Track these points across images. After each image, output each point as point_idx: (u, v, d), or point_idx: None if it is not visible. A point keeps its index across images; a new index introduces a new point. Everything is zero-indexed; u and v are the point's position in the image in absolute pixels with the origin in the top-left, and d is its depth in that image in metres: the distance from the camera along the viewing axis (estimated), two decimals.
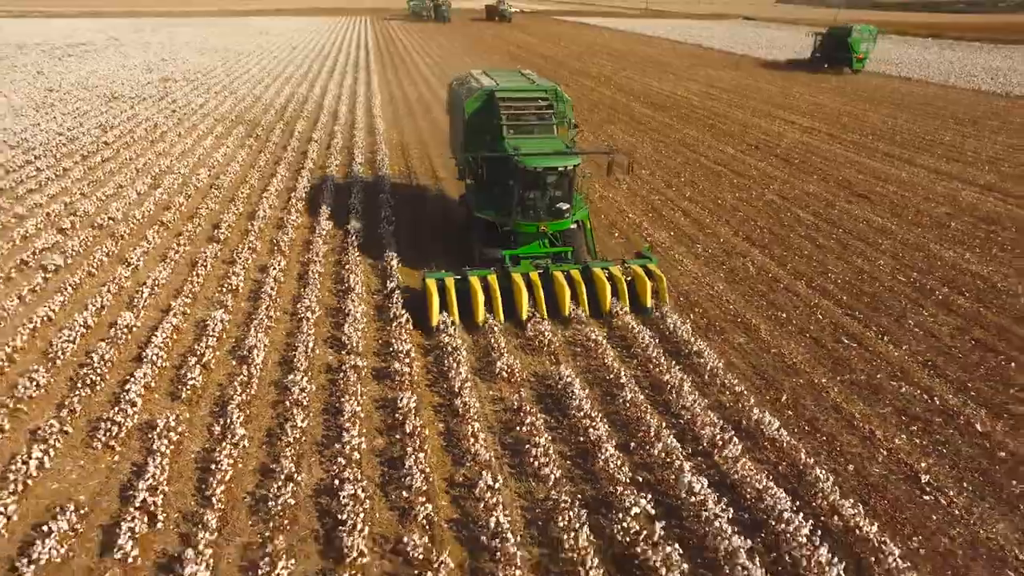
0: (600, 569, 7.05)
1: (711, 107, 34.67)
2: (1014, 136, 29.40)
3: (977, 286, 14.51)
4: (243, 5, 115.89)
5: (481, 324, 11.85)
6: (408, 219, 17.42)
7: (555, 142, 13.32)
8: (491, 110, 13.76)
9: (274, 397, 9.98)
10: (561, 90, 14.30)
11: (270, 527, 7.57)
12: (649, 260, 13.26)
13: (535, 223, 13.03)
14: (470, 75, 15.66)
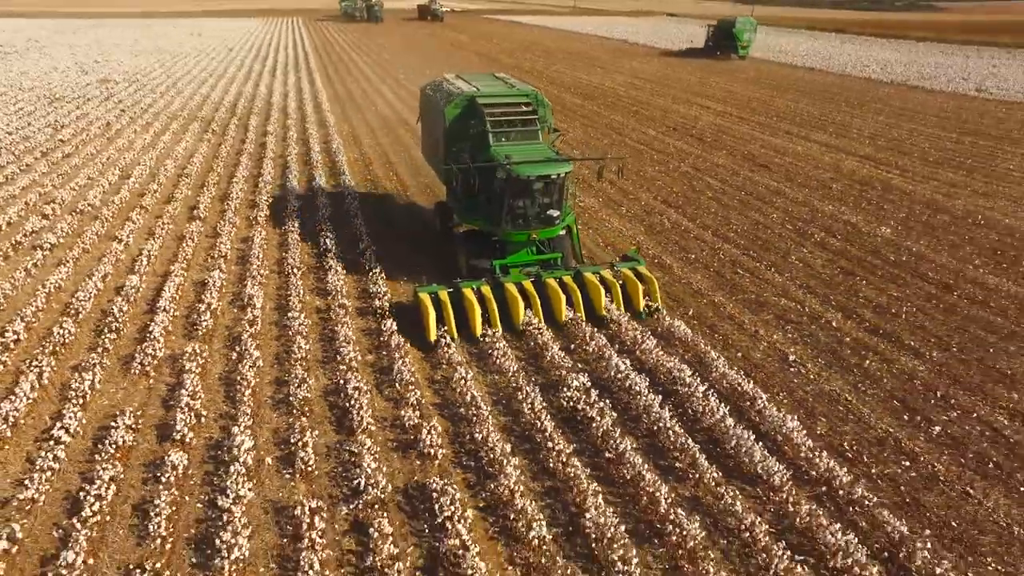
0: (551, 423, 9.47)
1: (635, 96, 37.84)
2: (891, 117, 33.74)
3: (847, 230, 17.76)
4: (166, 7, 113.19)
5: (480, 336, 11.69)
6: (366, 191, 19.47)
7: (542, 148, 13.19)
8: (472, 116, 13.56)
9: (277, 332, 11.97)
10: (541, 94, 14.30)
11: (293, 414, 9.65)
12: (637, 263, 13.41)
13: (526, 231, 12.79)
14: (445, 79, 15.53)
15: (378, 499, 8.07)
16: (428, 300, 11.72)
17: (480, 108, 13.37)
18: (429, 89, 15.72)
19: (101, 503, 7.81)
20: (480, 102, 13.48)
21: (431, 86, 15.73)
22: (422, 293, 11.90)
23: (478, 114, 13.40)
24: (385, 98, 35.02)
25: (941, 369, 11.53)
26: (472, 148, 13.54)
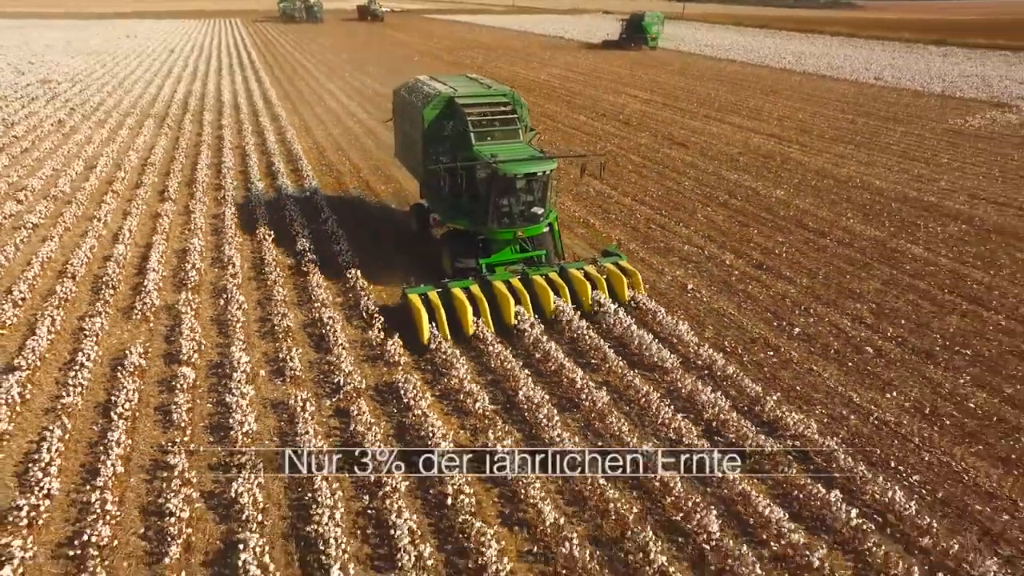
0: (492, 335, 11.74)
1: (568, 87, 40.53)
2: (799, 102, 37.46)
3: (747, 194, 20.68)
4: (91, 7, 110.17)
5: (470, 335, 11.79)
6: (323, 172, 21.31)
7: (524, 147, 13.37)
8: (451, 117, 13.67)
9: (256, 284, 13.87)
10: (518, 94, 14.48)
11: (279, 339, 11.64)
12: (619, 257, 13.87)
13: (512, 229, 13.01)
14: (419, 81, 15.55)
15: (355, 391, 10.18)
16: (419, 301, 11.76)
17: (460, 109, 13.43)
18: (404, 91, 15.60)
19: (129, 405, 9.65)
20: (459, 103, 13.53)
21: (406, 88, 15.61)
22: (412, 295, 11.95)
23: (458, 115, 13.47)
24: (333, 95, 36.59)
25: (807, 291, 14.36)
26: (452, 149, 13.62)
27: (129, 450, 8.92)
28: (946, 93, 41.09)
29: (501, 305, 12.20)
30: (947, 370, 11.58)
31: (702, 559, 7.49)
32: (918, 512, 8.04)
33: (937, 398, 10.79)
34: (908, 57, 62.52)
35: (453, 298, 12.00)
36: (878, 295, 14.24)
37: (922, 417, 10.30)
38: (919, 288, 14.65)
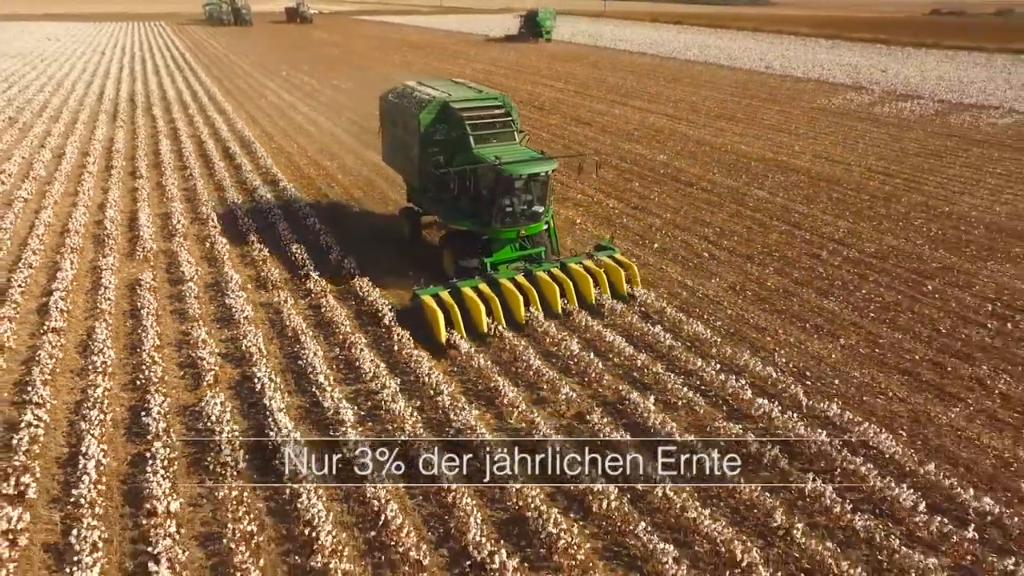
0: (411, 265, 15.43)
1: (491, 80, 44.36)
2: (695, 87, 42.67)
3: (636, 159, 25.06)
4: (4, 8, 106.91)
5: (485, 333, 12.11)
6: (276, 153, 24.44)
7: (522, 148, 13.98)
8: (446, 121, 14.11)
9: (237, 233, 17.08)
10: (508, 97, 15.06)
11: (257, 267, 14.99)
12: (613, 251, 14.48)
13: (515, 228, 13.55)
14: (406, 86, 15.86)
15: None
16: (432, 302, 12.02)
17: (457, 113, 13.89)
18: (393, 96, 15.92)
19: (152, 308, 12.84)
20: (456, 107, 13.98)
21: (394, 94, 15.92)
22: (424, 296, 12.25)
23: (454, 119, 13.94)
24: (273, 91, 39.23)
25: (669, 222, 18.67)
26: (448, 152, 14.16)
27: (159, 335, 12.16)
28: (821, 79, 47.12)
29: (511, 302, 12.55)
30: (758, 266, 16.04)
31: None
32: (712, 337, 12.28)
33: (747, 281, 15.19)
34: (799, 49, 69.38)
35: (464, 297, 12.31)
36: (722, 223, 18.70)
37: (733, 292, 14.65)
38: (755, 218, 19.22)
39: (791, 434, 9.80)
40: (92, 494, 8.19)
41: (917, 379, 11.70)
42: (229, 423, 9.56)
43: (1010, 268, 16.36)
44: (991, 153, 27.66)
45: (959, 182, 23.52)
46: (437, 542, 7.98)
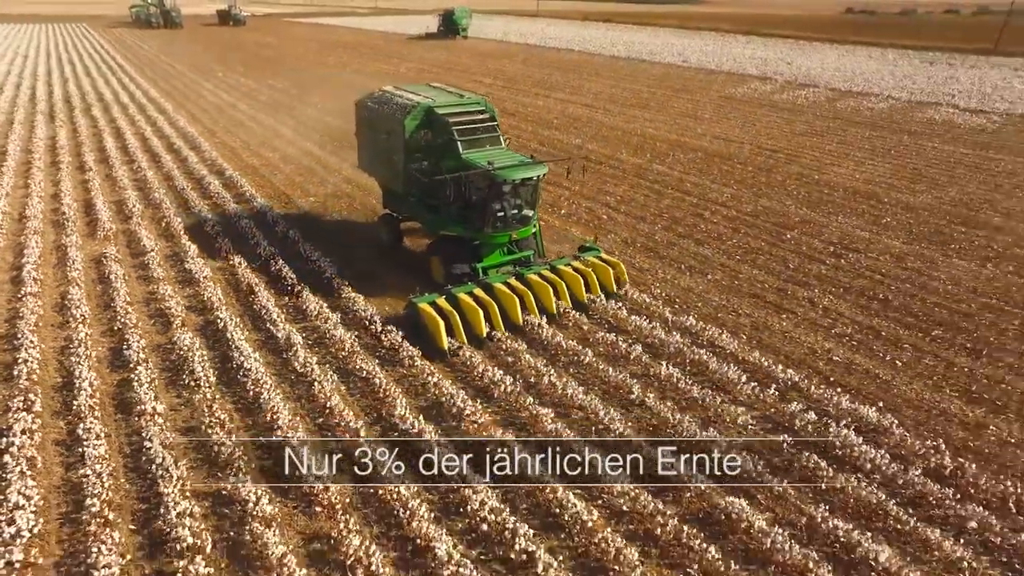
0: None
1: (423, 78, 46.46)
2: (616, 80, 45.89)
3: (553, 143, 27.77)
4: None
5: (484, 338, 12.15)
6: (220, 146, 26.05)
7: (509, 152, 14.06)
8: (430, 126, 14.07)
9: (188, 215, 18.84)
10: (488, 101, 15.11)
11: (211, 237, 16.87)
12: (597, 251, 14.74)
13: (507, 232, 13.61)
14: (385, 92, 15.61)
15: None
16: (431, 310, 12.03)
17: (442, 118, 13.80)
18: (371, 102, 15.61)
19: (119, 274, 14.62)
20: (441, 112, 13.90)
21: (373, 99, 15.63)
22: (422, 304, 12.20)
23: (440, 124, 13.85)
24: (212, 92, 40.26)
25: (576, 193, 21.32)
26: (434, 158, 14.15)
27: (128, 294, 13.97)
28: (732, 71, 51.13)
29: (507, 306, 12.62)
30: (649, 224, 18.87)
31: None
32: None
33: (637, 236, 17.98)
34: (717, 44, 73.88)
35: (461, 303, 12.38)
36: (623, 193, 21.53)
37: (624, 244, 17.41)
38: (652, 188, 22.14)
39: (653, 338, 12.53)
40: (89, 403, 10.14)
41: (763, 300, 14.66)
42: (199, 350, 11.59)
43: (854, 220, 19.73)
44: (864, 132, 31.60)
45: (832, 156, 27.15)
46: None
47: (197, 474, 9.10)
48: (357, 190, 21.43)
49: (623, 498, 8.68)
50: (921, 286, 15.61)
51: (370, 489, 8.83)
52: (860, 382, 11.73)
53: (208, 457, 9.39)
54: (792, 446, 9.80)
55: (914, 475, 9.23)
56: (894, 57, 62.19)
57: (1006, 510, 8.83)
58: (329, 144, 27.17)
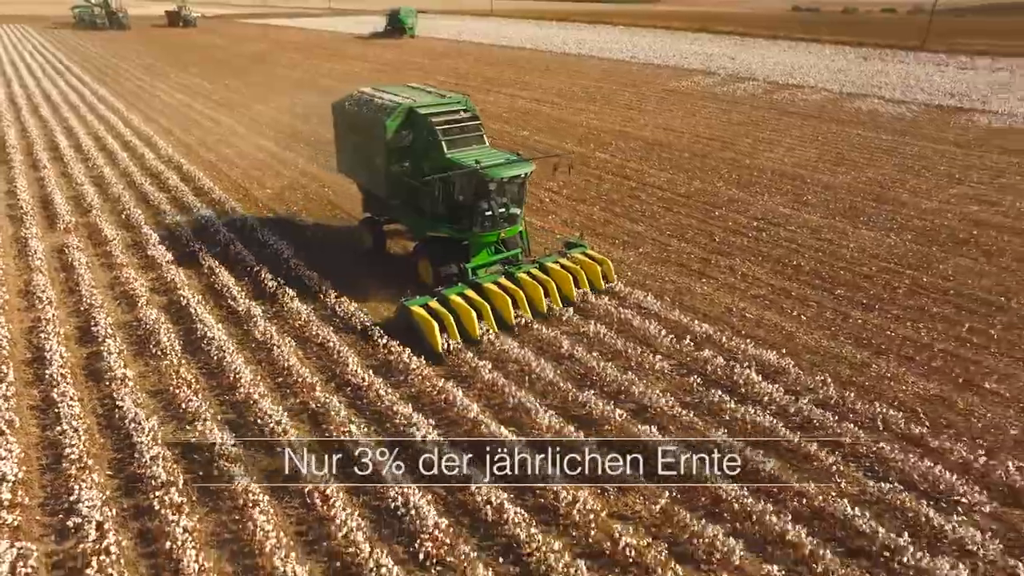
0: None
1: (376, 77, 47.12)
2: (565, 76, 47.41)
3: (503, 135, 28.90)
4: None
5: (478, 338, 12.13)
6: (177, 144, 26.52)
7: (494, 151, 13.98)
8: (415, 127, 13.81)
9: (148, 204, 19.44)
10: (470, 100, 14.90)
11: (164, 221, 17.59)
12: (583, 247, 14.80)
13: (495, 231, 13.48)
14: (364, 94, 15.24)
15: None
16: (424, 312, 11.98)
17: (425, 119, 13.59)
18: (350, 104, 15.30)
19: (81, 261, 15.27)
20: (423, 112, 13.68)
21: (351, 101, 15.29)
22: (414, 307, 12.14)
23: (422, 125, 13.64)
24: (166, 92, 40.24)
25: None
26: (419, 159, 13.95)
27: (93, 280, 14.65)
28: (677, 66, 53.13)
29: (499, 306, 12.65)
30: (588, 206, 20.26)
31: None
32: (542, 253, 16.20)
33: (575, 216, 19.34)
34: (666, 41, 76.17)
35: (454, 305, 12.35)
36: (566, 178, 22.66)
37: (563, 224, 18.72)
38: (595, 174, 23.54)
39: (585, 302, 13.85)
40: (61, 372, 10.94)
41: (688, 269, 16.15)
42: (164, 324, 12.44)
43: (778, 198, 21.47)
44: (796, 121, 33.66)
45: (764, 143, 29.02)
46: None
47: (167, 428, 10.01)
48: (312, 182, 22.31)
49: (549, 432, 9.92)
50: (831, 254, 17.30)
51: (321, 429, 9.90)
52: (767, 334, 13.24)
53: (177, 413, 10.30)
54: (701, 385, 11.19)
55: (803, 404, 10.72)
56: (831, 53, 65.14)
57: (875, 427, 10.37)
58: (284, 140, 27.95)
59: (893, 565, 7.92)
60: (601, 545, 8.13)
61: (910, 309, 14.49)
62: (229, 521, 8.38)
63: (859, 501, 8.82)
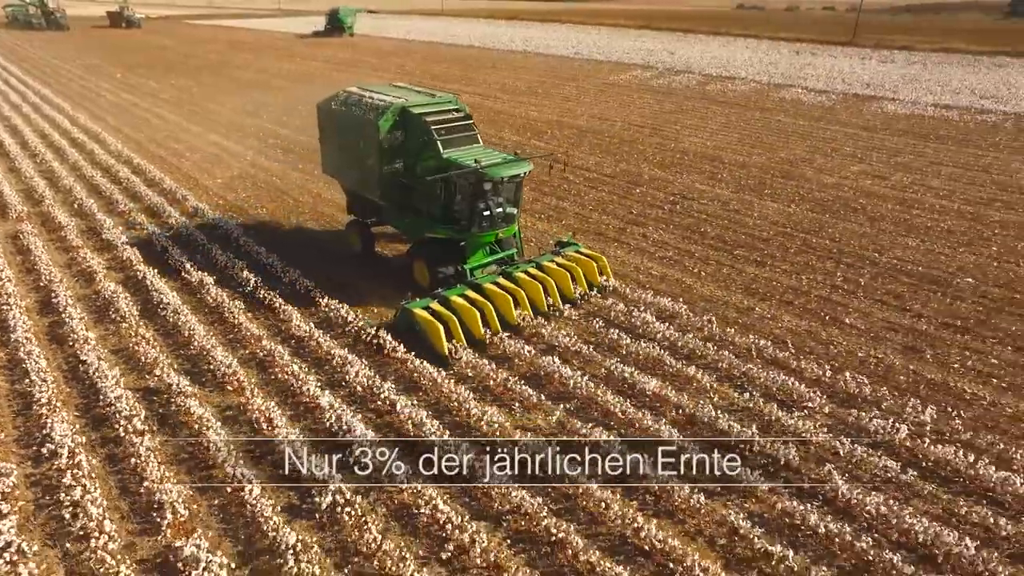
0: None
1: (331, 76, 48.04)
2: (511, 72, 49.16)
3: None
4: None
5: (483, 339, 12.11)
6: (127, 140, 27.22)
7: (489, 150, 13.90)
8: (405, 127, 13.64)
9: (100, 195, 20.32)
10: (459, 99, 14.87)
11: (112, 210, 18.59)
12: (576, 246, 14.95)
13: (494, 231, 13.48)
14: (351, 93, 14.88)
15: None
16: (428, 315, 11.90)
17: (419, 118, 13.41)
18: (336, 104, 14.91)
19: (37, 245, 16.19)
20: (416, 112, 13.53)
21: (338, 101, 14.90)
22: (417, 309, 12.05)
23: (417, 124, 13.45)
24: (112, 92, 40.31)
25: None
26: (412, 160, 13.81)
27: (51, 260, 15.61)
28: (618, 61, 55.41)
29: (501, 306, 12.60)
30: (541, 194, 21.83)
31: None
32: None
33: None
34: (610, 38, 78.70)
35: (457, 307, 12.27)
36: None
37: None
38: None
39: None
40: (26, 336, 12.02)
41: (604, 237, 17.96)
42: (122, 294, 13.59)
43: (695, 176, 23.53)
44: (723, 110, 36.04)
45: (690, 129, 31.20)
46: None
47: (128, 377, 11.24)
48: (260, 172, 23.46)
49: (450, 402, 11.51)
50: (736, 222, 19.33)
51: (268, 371, 11.29)
52: (668, 287, 15.09)
53: (137, 366, 11.53)
54: (603, 327, 12.91)
55: (689, 339, 12.55)
56: (767, 48, 68.42)
57: (749, 355, 12.26)
58: (234, 135, 28.87)
59: (746, 453, 9.73)
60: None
61: (797, 264, 16.55)
62: (186, 444, 9.70)
63: (726, 409, 10.62)
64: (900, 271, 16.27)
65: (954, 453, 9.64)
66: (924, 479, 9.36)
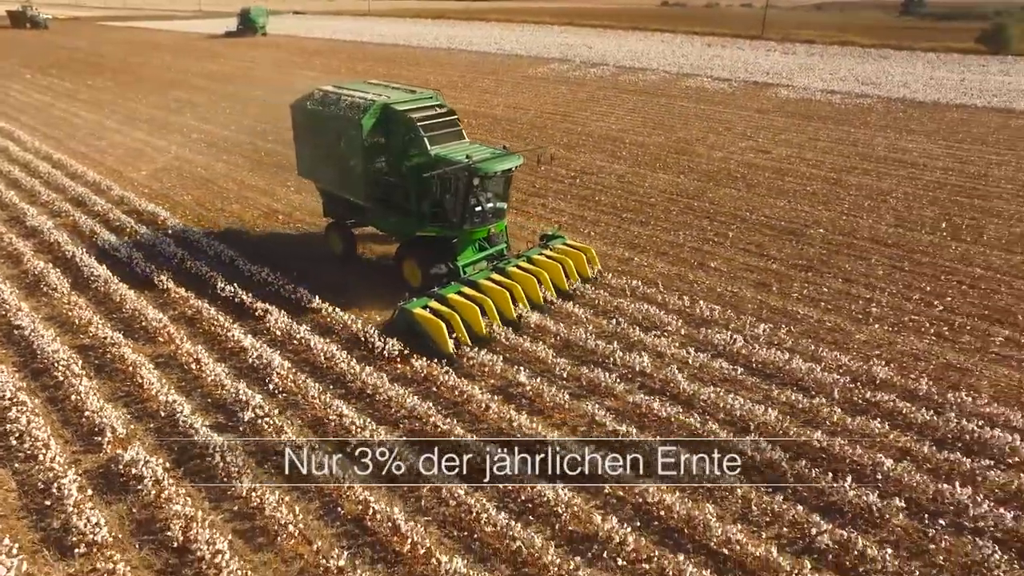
0: None
1: (251, 75, 48.49)
2: (431, 68, 50.71)
3: None
4: None
5: (485, 336, 12.05)
6: (45, 137, 27.36)
7: (476, 145, 13.70)
8: (388, 125, 13.41)
9: (21, 187, 20.79)
10: (440, 95, 14.67)
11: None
12: (562, 239, 15.06)
13: (485, 227, 13.39)
14: (329, 93, 14.49)
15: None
16: (429, 314, 11.77)
17: (403, 115, 13.24)
18: (312, 104, 14.51)
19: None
20: (400, 109, 13.32)
21: (314, 100, 14.50)
22: (417, 310, 11.91)
23: (400, 121, 13.27)
24: (22, 92, 39.51)
25: None
26: (395, 158, 13.61)
27: (16, 236, 16.29)
28: (538, 55, 57.57)
29: (499, 301, 12.54)
30: None
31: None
32: None
33: None
34: (534, 35, 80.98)
35: (456, 304, 12.19)
36: None
37: None
38: None
39: None
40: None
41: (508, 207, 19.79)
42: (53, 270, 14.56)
43: (597, 155, 25.79)
44: (632, 97, 38.64)
45: (598, 114, 33.55)
46: None
47: (64, 338, 12.32)
48: (185, 164, 24.30)
49: (424, 382, 13.11)
50: (628, 192, 21.57)
51: (196, 325, 12.62)
52: None
53: (71, 329, 12.62)
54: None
55: (569, 282, 14.47)
56: (681, 41, 72.16)
57: (623, 294, 14.34)
58: (158, 132, 29.33)
59: (608, 363, 11.71)
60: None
61: (677, 223, 18.86)
62: (123, 384, 10.96)
63: (598, 336, 12.57)
64: (764, 226, 18.79)
65: (776, 355, 11.90)
66: (750, 375, 11.57)
